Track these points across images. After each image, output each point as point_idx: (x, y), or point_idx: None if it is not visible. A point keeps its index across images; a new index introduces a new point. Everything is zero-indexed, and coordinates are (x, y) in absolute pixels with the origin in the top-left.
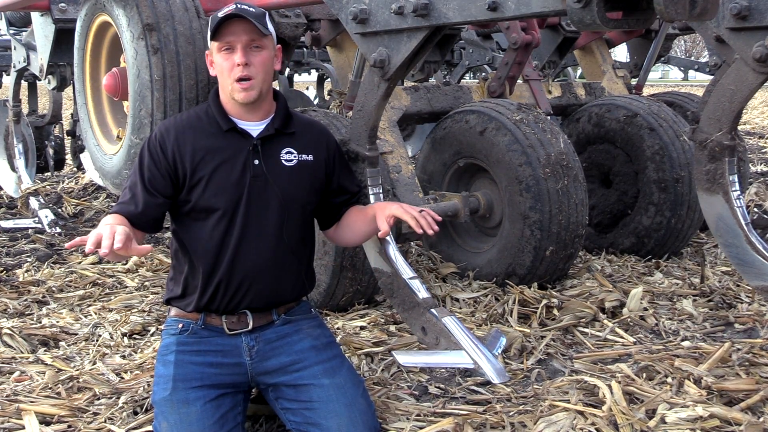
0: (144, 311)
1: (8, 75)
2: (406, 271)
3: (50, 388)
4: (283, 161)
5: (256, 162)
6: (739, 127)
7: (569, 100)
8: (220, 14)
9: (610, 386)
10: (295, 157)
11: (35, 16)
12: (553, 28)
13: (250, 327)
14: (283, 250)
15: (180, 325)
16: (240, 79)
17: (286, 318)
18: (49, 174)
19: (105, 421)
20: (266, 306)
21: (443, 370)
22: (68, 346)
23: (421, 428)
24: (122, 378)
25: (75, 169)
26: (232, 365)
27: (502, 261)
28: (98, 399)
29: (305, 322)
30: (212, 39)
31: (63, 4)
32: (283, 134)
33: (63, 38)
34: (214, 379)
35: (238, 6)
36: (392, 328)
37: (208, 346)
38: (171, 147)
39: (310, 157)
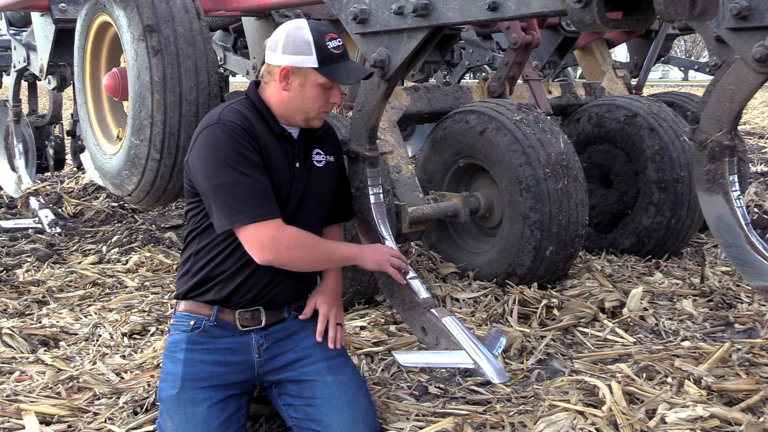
0: (144, 311)
1: (8, 75)
2: None
3: (50, 388)
4: (315, 162)
5: (297, 165)
6: (739, 127)
7: (569, 100)
8: (333, 48)
9: (610, 386)
10: (323, 157)
11: (35, 16)
12: (553, 28)
13: (263, 324)
14: None
15: (191, 322)
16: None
17: (295, 314)
18: (49, 174)
19: (105, 421)
20: (281, 303)
21: (443, 370)
22: (68, 346)
23: (421, 428)
24: (122, 378)
25: (75, 169)
26: (241, 363)
27: (502, 261)
28: (98, 399)
29: (312, 319)
30: (324, 75)
31: (63, 4)
32: (313, 136)
33: (63, 38)
34: (223, 379)
35: (345, 52)
36: (392, 328)
37: (218, 344)
38: (251, 135)
39: (332, 158)
